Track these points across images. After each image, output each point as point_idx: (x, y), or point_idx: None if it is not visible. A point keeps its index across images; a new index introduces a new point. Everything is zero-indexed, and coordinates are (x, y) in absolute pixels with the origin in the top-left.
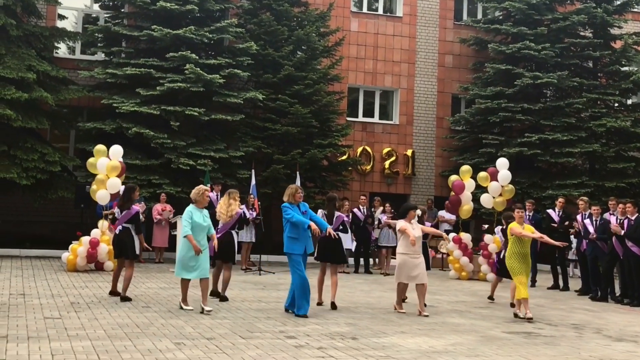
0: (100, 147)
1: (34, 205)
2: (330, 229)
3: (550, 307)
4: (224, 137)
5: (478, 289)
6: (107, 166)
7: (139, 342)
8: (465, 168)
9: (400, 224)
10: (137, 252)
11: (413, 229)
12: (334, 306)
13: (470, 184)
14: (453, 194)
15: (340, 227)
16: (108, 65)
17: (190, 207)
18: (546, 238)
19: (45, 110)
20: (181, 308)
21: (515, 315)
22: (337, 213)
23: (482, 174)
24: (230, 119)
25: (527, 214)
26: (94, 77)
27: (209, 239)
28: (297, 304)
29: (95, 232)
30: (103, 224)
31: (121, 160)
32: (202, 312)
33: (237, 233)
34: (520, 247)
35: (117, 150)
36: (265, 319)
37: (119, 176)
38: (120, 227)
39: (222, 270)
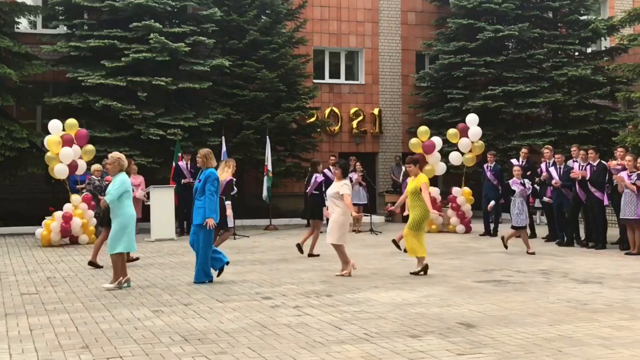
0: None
1: (4, 182)
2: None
3: (519, 255)
4: (193, 105)
5: (448, 240)
6: (47, 142)
7: (117, 312)
8: (423, 129)
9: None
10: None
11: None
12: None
13: (438, 142)
14: (421, 152)
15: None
16: (71, 39)
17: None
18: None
19: (10, 87)
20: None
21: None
22: (315, 175)
23: (452, 130)
24: (198, 87)
25: (489, 165)
26: (57, 51)
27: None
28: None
29: (67, 207)
30: (76, 198)
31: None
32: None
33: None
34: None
35: (55, 125)
36: (241, 282)
37: (81, 144)
38: None
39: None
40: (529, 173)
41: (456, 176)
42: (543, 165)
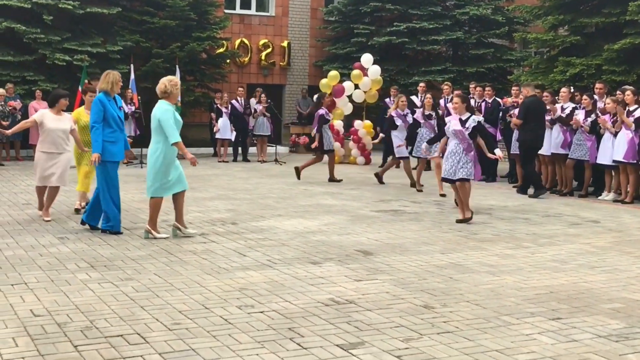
0: None
1: None
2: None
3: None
4: (101, 31)
5: (349, 171)
6: None
7: (21, 238)
8: (333, 74)
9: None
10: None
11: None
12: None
13: (348, 86)
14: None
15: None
16: None
17: (166, 104)
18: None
19: None
20: (150, 236)
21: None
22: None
23: (355, 72)
24: (106, 13)
25: (391, 99)
26: None
27: None
28: (111, 217)
29: None
30: None
31: None
32: (183, 236)
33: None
34: None
35: None
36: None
37: None
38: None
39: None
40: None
41: (358, 109)
42: (442, 101)
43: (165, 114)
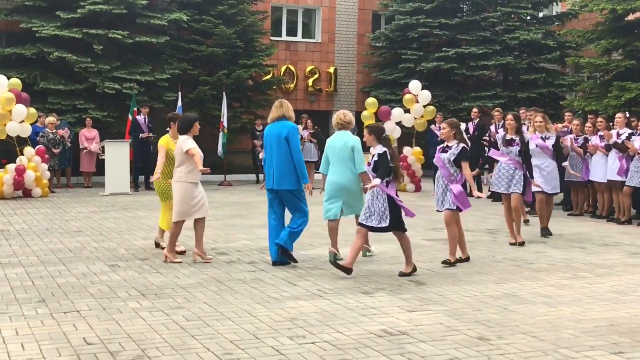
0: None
1: None
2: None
3: (467, 214)
4: (149, 59)
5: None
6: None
7: (72, 266)
8: (371, 101)
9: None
10: None
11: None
12: None
13: (397, 113)
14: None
15: None
16: None
17: (352, 134)
18: None
19: None
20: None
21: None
22: None
23: (408, 96)
24: (155, 41)
25: (436, 125)
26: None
27: None
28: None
29: (20, 160)
30: (29, 150)
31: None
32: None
33: None
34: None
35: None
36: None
37: (23, 102)
38: None
39: None
40: (475, 133)
41: (407, 136)
42: (493, 127)
43: (359, 143)
